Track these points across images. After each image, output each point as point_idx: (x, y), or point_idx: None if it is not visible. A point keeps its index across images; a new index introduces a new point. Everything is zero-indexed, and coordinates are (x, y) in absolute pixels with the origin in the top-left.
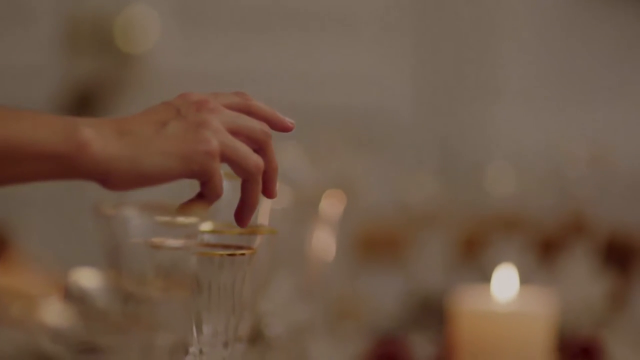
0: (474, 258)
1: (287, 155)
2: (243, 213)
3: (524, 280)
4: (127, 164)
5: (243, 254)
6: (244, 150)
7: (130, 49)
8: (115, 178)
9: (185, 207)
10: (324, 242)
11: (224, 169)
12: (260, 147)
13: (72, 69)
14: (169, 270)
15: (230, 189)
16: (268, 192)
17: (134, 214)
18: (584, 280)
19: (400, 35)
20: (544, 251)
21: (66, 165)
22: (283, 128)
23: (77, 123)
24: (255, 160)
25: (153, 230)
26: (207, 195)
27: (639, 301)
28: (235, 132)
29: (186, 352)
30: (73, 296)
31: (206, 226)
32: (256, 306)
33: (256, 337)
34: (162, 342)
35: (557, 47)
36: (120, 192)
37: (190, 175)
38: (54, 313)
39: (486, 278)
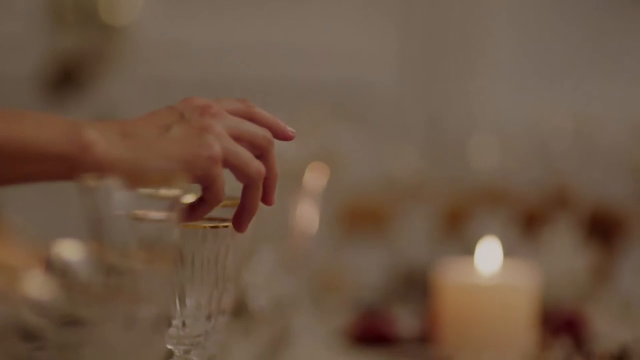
0: (457, 231)
1: None
2: (242, 218)
3: (508, 253)
4: (130, 166)
5: (226, 227)
6: (246, 156)
7: (114, 21)
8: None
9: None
10: (307, 215)
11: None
12: (261, 153)
13: (55, 42)
14: (151, 243)
15: None
16: (266, 199)
17: (116, 186)
18: (567, 253)
19: (386, 10)
20: (528, 224)
21: (69, 166)
22: (284, 136)
23: (80, 124)
24: (256, 166)
25: (136, 202)
26: (208, 199)
27: (622, 274)
28: (238, 138)
29: (169, 325)
30: (55, 268)
31: (189, 198)
32: (240, 279)
33: (240, 310)
34: (144, 315)
35: (541, 21)
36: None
37: (193, 179)
38: (36, 285)
39: (470, 251)
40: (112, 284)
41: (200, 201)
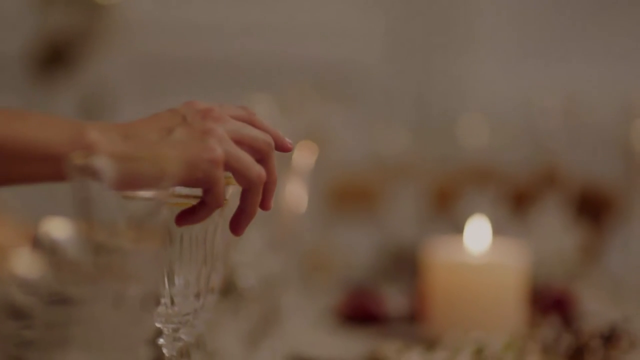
0: (446, 210)
1: (259, 106)
2: (240, 221)
3: (497, 232)
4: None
5: None
6: (247, 159)
7: (103, 0)
8: (119, 181)
9: (183, 214)
10: (296, 194)
11: None
12: (262, 157)
13: (45, 20)
14: (140, 221)
15: None
16: (264, 204)
17: (105, 164)
18: (556, 232)
19: None
20: (517, 203)
21: None
22: (282, 147)
23: (82, 125)
24: (257, 170)
25: None
26: (209, 202)
27: (611, 253)
28: (239, 141)
29: (158, 303)
30: (44, 246)
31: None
32: (228, 258)
33: (229, 289)
34: (133, 293)
35: (531, 1)
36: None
37: (194, 182)
38: (24, 263)
39: (459, 230)
40: (100, 263)
41: (201, 204)
